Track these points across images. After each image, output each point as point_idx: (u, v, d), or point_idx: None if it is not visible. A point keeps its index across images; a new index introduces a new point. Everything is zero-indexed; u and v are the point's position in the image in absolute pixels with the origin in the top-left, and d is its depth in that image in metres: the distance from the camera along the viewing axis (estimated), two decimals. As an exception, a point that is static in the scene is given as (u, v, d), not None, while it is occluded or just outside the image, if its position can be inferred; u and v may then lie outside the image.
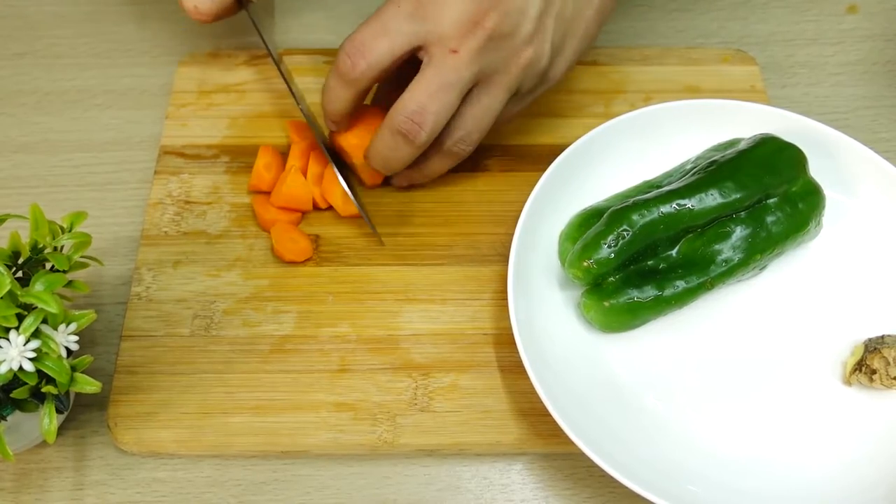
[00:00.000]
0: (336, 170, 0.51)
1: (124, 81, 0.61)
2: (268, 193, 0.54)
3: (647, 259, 0.47)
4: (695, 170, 0.49)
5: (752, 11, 0.66)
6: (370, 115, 0.51)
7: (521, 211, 0.48)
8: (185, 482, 0.46)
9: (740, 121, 0.52)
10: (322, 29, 0.64)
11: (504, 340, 0.49)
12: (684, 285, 0.47)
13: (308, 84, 0.59)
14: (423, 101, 0.45)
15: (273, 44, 0.55)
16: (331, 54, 0.60)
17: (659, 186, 0.49)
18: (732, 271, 0.47)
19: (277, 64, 0.53)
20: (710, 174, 0.47)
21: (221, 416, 0.46)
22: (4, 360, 0.38)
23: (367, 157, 0.50)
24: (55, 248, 0.42)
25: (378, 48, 0.45)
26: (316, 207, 0.53)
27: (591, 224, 0.47)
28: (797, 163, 0.49)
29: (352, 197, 0.51)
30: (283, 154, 0.55)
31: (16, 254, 0.42)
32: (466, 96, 0.47)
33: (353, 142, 0.51)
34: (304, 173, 0.53)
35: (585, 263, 0.45)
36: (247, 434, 0.46)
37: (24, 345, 0.38)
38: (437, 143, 0.48)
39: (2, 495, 0.45)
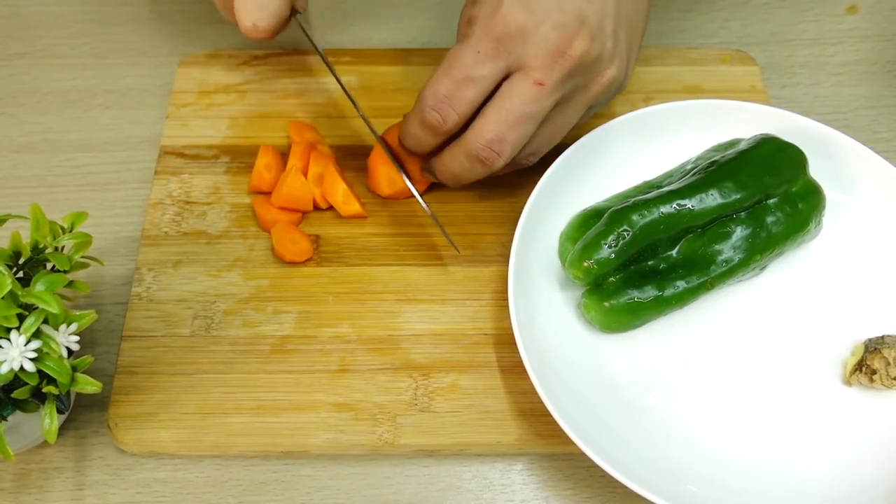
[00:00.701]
0: (400, 170, 0.50)
1: (124, 81, 0.61)
2: (268, 194, 0.53)
3: (648, 259, 0.47)
4: (695, 170, 0.49)
5: (753, 11, 0.66)
6: None
7: (521, 211, 0.48)
8: (185, 482, 0.46)
9: (740, 121, 0.52)
10: (322, 30, 0.64)
11: (504, 340, 0.49)
12: (684, 285, 0.47)
13: (312, 84, 0.59)
14: (503, 131, 0.44)
15: (321, 48, 0.54)
16: (328, 54, 0.60)
17: (659, 186, 0.49)
18: (732, 271, 0.47)
19: (330, 67, 0.52)
20: (711, 174, 0.47)
21: (221, 417, 0.46)
22: (5, 361, 0.38)
23: (434, 169, 0.49)
24: (56, 249, 0.42)
25: (467, 99, 0.44)
26: (316, 208, 0.53)
27: (592, 224, 0.47)
28: (797, 163, 0.49)
29: (424, 206, 0.49)
30: (284, 154, 0.55)
31: (17, 254, 0.42)
32: (546, 122, 0.46)
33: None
34: (305, 173, 0.53)
35: (586, 263, 0.45)
36: (247, 434, 0.46)
37: (25, 345, 0.38)
38: None
39: (2, 495, 0.45)
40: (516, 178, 0.54)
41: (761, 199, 0.48)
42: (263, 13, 0.48)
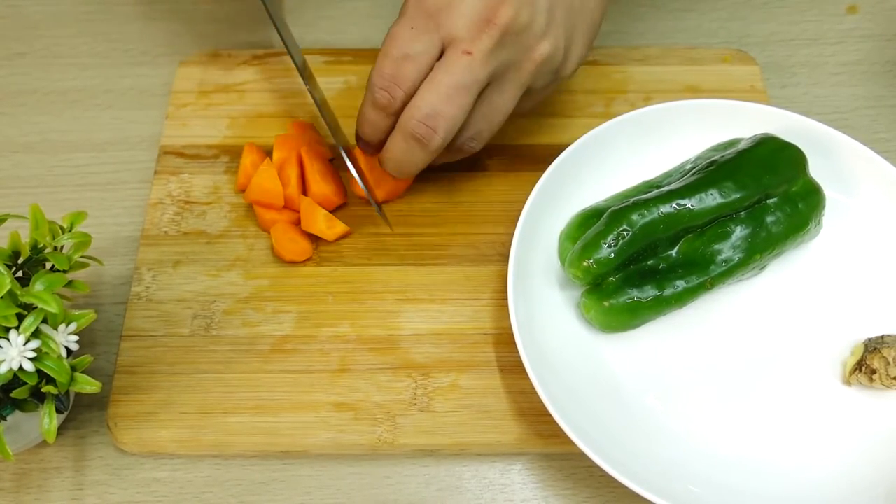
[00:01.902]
0: (354, 173, 0.50)
1: (124, 81, 0.61)
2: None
3: (647, 259, 0.47)
4: (695, 170, 0.49)
5: (753, 11, 0.66)
6: None
7: (521, 211, 0.48)
8: (185, 482, 0.46)
9: (740, 121, 0.52)
10: (322, 30, 0.64)
11: (504, 340, 0.49)
12: (684, 285, 0.47)
13: (324, 84, 0.59)
14: (437, 105, 0.44)
15: (294, 44, 0.54)
16: (328, 54, 0.60)
17: (659, 186, 0.49)
18: (732, 271, 0.47)
19: (300, 69, 0.52)
20: (710, 174, 0.47)
21: (221, 416, 0.46)
22: (4, 360, 0.38)
23: (381, 161, 0.49)
24: (55, 248, 0.42)
25: (409, 75, 0.45)
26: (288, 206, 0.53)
27: (591, 224, 0.47)
28: (797, 163, 0.49)
29: (359, 179, 0.49)
30: (268, 152, 0.54)
31: (16, 253, 0.42)
32: (480, 100, 0.46)
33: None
34: (302, 176, 0.53)
35: (585, 263, 0.45)
36: (247, 434, 0.46)
37: (24, 345, 0.38)
38: None
39: (2, 495, 0.45)
40: (516, 178, 0.54)
41: (761, 199, 0.48)
42: None
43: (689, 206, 0.46)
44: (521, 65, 0.46)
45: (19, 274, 0.42)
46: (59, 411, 0.41)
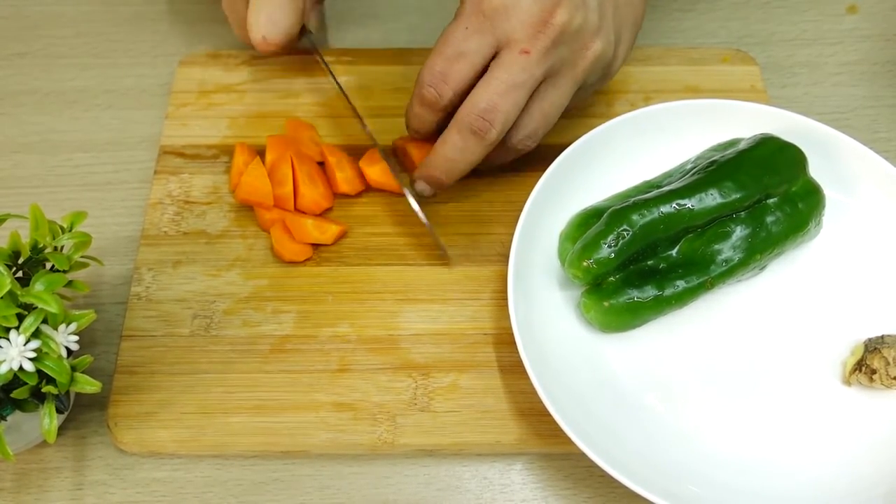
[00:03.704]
0: (401, 183, 0.51)
1: (124, 81, 0.61)
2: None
3: (647, 259, 0.47)
4: (695, 170, 0.49)
5: (753, 11, 0.66)
6: None
7: (521, 211, 0.48)
8: (185, 482, 0.46)
9: (740, 121, 0.52)
10: (333, 30, 0.64)
11: (504, 340, 0.49)
12: (684, 285, 0.47)
13: (312, 84, 0.59)
14: (494, 100, 0.45)
15: (329, 66, 0.56)
16: (327, 54, 0.60)
17: (659, 186, 0.49)
18: (732, 271, 0.47)
19: (340, 87, 0.54)
20: (710, 174, 0.47)
21: (221, 416, 0.46)
22: (4, 360, 0.38)
23: (427, 165, 0.49)
24: (55, 248, 0.42)
25: (460, 74, 0.46)
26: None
27: (591, 224, 0.47)
28: (797, 163, 0.49)
29: (420, 214, 0.50)
30: (260, 152, 0.54)
31: (16, 254, 0.42)
32: (535, 97, 0.47)
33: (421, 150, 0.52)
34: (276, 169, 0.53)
35: (585, 263, 0.45)
36: (247, 434, 0.46)
37: (25, 345, 0.38)
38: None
39: (2, 495, 0.45)
40: (516, 178, 0.54)
41: (761, 199, 0.48)
42: (275, 28, 0.51)
43: (690, 206, 0.46)
44: (576, 63, 0.47)
45: (19, 274, 0.42)
46: (59, 411, 0.41)
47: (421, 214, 0.50)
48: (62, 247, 0.43)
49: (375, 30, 0.64)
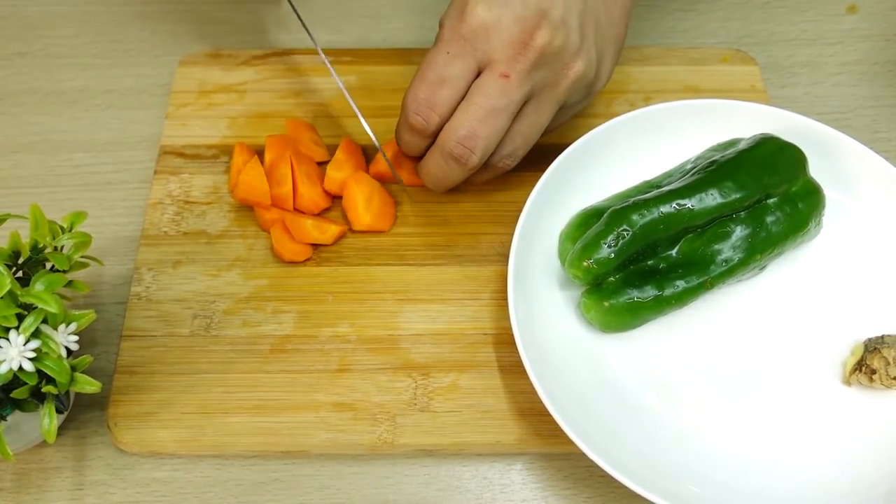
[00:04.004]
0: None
1: (124, 81, 0.61)
2: None
3: (647, 259, 0.47)
4: (695, 170, 0.49)
5: (753, 11, 0.66)
6: None
7: (521, 211, 0.48)
8: (185, 482, 0.46)
9: (740, 121, 0.52)
10: (321, 30, 0.64)
11: (504, 340, 0.49)
12: (684, 285, 0.47)
13: (312, 84, 0.59)
14: (474, 127, 0.45)
15: (316, 39, 0.56)
16: (327, 54, 0.60)
17: (659, 186, 0.49)
18: (732, 271, 0.47)
19: (341, 85, 0.54)
20: (710, 174, 0.47)
21: (221, 416, 0.46)
22: (4, 360, 0.38)
23: (419, 174, 0.50)
24: (55, 248, 0.42)
25: (445, 100, 0.46)
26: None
27: (591, 224, 0.47)
28: (797, 163, 0.49)
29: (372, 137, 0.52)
30: (260, 152, 0.54)
31: (16, 254, 0.42)
32: (517, 119, 0.47)
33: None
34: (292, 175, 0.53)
35: (585, 263, 0.45)
36: (247, 434, 0.46)
37: (24, 345, 0.38)
38: None
39: (2, 495, 0.45)
40: (516, 178, 0.54)
41: (761, 199, 0.48)
42: None
43: (689, 206, 0.46)
44: (557, 83, 0.47)
45: (19, 274, 0.42)
46: (59, 411, 0.41)
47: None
48: (62, 247, 0.43)
49: (375, 30, 0.64)
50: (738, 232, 0.47)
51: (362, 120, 0.53)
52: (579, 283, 0.47)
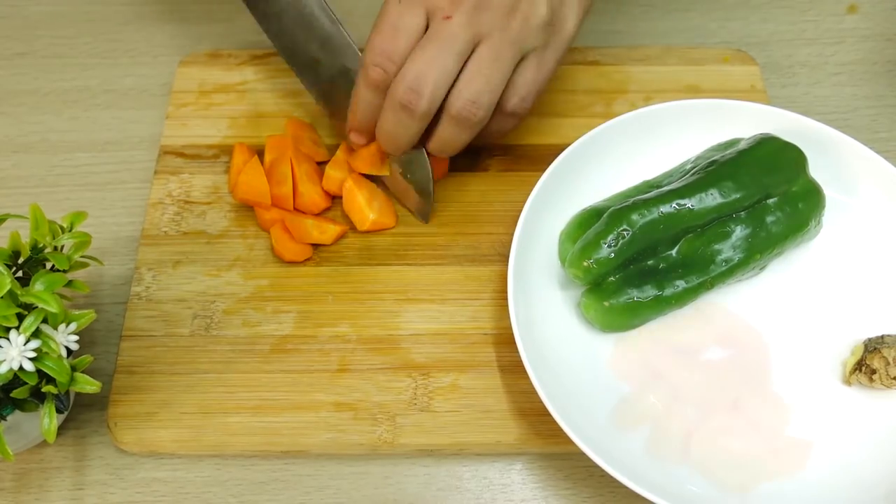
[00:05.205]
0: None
1: (124, 81, 0.61)
2: None
3: (648, 259, 0.47)
4: (695, 170, 0.49)
5: (753, 11, 0.66)
6: None
7: (521, 211, 0.48)
8: (185, 482, 0.46)
9: (740, 121, 0.52)
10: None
11: (504, 340, 0.49)
12: (684, 285, 0.47)
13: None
14: (420, 69, 0.45)
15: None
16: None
17: (659, 186, 0.49)
18: (732, 271, 0.47)
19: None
20: (710, 174, 0.47)
21: (221, 416, 0.46)
22: (4, 360, 0.38)
23: (378, 139, 0.49)
24: (55, 248, 0.42)
25: (399, 48, 0.46)
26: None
27: (591, 224, 0.47)
28: (797, 163, 0.49)
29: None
30: (260, 152, 0.54)
31: (16, 253, 0.42)
32: (470, 60, 0.46)
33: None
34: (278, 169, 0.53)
35: (585, 263, 0.45)
36: (247, 434, 0.46)
37: (25, 344, 0.38)
38: (443, 108, 0.47)
39: (2, 495, 0.45)
40: (516, 178, 0.54)
41: (761, 199, 0.48)
42: None
43: (689, 205, 0.46)
44: (508, 25, 0.46)
45: (19, 274, 0.42)
46: (59, 411, 0.41)
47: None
48: (62, 247, 0.43)
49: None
50: (738, 232, 0.47)
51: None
52: (579, 282, 0.47)
